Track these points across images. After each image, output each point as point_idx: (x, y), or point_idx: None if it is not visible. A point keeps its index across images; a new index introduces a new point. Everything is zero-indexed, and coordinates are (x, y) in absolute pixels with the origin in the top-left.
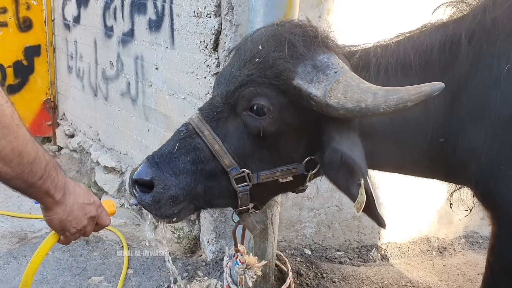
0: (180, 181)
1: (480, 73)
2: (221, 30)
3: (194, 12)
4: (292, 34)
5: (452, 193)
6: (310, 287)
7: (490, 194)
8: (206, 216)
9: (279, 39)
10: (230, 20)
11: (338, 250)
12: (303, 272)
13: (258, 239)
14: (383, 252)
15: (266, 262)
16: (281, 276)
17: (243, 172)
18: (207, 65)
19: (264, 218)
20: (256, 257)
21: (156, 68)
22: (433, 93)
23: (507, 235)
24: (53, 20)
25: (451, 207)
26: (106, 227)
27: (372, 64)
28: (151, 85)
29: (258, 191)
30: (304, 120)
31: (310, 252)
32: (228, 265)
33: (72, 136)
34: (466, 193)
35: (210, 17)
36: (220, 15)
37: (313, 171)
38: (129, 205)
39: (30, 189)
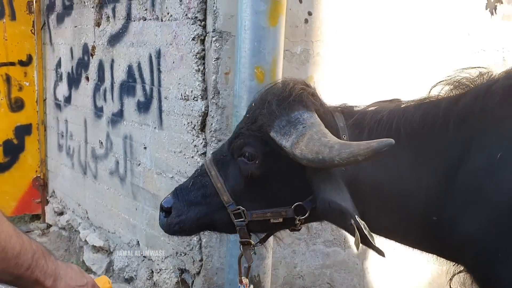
0: (190, 211)
1: (472, 159)
2: (207, 112)
3: (181, 95)
4: (272, 94)
5: (452, 277)
6: None
7: (489, 282)
8: None
9: (263, 98)
10: (216, 103)
11: None
12: None
13: None
14: None
15: None
16: None
17: (238, 209)
18: (195, 145)
19: None
20: None
21: (145, 148)
22: (380, 149)
23: None
24: (44, 100)
25: None
26: None
27: (364, 132)
28: (139, 164)
29: (254, 227)
30: (287, 167)
31: None
32: None
33: (61, 213)
34: (465, 278)
35: (197, 100)
36: (206, 98)
37: (303, 217)
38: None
39: (18, 281)
